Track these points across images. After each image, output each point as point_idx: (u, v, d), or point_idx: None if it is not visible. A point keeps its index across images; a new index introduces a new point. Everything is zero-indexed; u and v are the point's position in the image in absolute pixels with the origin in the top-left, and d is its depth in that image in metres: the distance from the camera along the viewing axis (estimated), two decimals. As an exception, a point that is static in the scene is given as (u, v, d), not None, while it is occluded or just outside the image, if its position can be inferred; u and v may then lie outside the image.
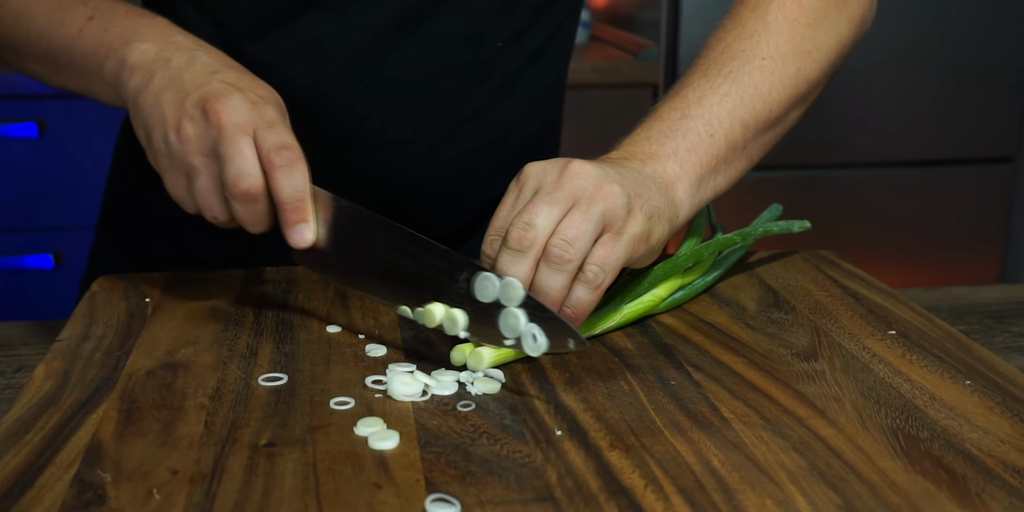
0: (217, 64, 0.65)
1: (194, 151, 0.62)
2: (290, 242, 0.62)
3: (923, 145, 2.23)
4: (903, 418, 0.54)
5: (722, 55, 0.73)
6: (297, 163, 0.61)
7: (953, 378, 0.59)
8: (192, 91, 0.63)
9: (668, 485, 0.47)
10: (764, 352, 0.63)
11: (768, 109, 0.72)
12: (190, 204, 0.65)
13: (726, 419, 0.54)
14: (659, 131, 0.69)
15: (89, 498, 0.46)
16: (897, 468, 0.49)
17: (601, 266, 0.59)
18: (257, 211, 0.62)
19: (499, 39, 0.79)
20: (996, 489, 0.47)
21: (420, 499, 0.46)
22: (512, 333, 0.57)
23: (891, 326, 0.67)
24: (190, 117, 0.62)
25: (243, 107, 0.62)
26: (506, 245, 0.58)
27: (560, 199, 0.59)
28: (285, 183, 0.61)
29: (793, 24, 0.74)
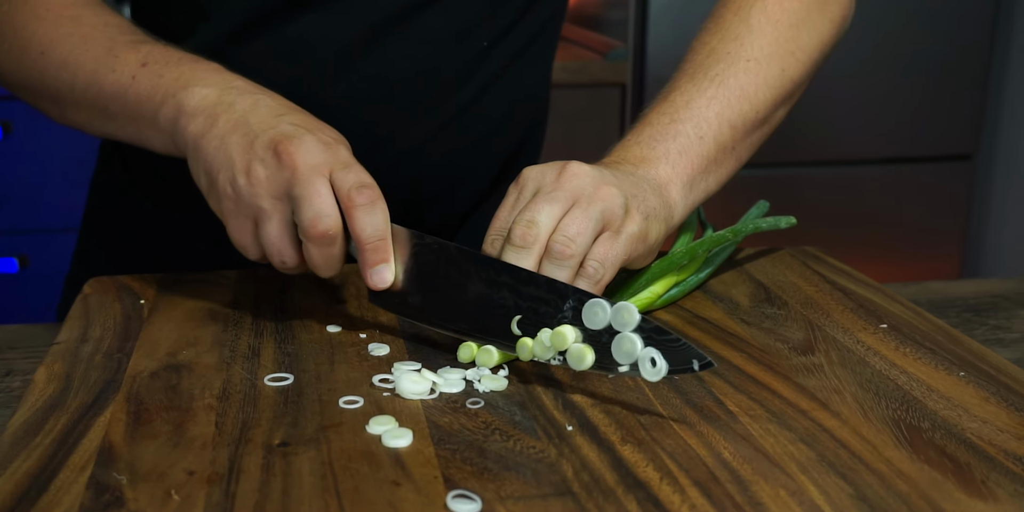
0: (282, 107, 0.64)
1: (264, 193, 0.60)
2: (369, 284, 0.61)
3: (886, 143, 2.27)
4: (903, 409, 0.55)
5: (707, 58, 0.74)
6: (378, 202, 0.60)
7: (947, 370, 0.60)
8: (261, 133, 0.61)
9: (683, 478, 0.48)
10: (761, 347, 0.64)
11: (755, 110, 0.73)
12: (253, 251, 0.63)
13: (732, 412, 0.54)
14: (649, 135, 0.70)
15: (107, 500, 0.45)
16: (903, 457, 0.50)
17: (601, 262, 0.60)
18: (332, 254, 0.61)
19: (484, 38, 0.80)
20: (1000, 476, 0.48)
21: (440, 495, 0.46)
22: (628, 359, 0.55)
23: (882, 320, 0.68)
24: (260, 159, 0.60)
25: (317, 148, 0.60)
26: (510, 242, 0.59)
27: (560, 198, 0.60)
28: (366, 222, 0.59)
29: (776, 26, 0.75)
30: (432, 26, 0.77)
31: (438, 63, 0.79)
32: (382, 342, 0.63)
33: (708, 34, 0.77)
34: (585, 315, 0.56)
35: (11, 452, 0.50)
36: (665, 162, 0.69)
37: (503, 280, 0.59)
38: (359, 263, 0.61)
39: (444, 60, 0.79)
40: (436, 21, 0.77)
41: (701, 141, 0.70)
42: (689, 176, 0.69)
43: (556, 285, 0.58)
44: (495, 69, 0.82)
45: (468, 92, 0.81)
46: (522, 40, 0.83)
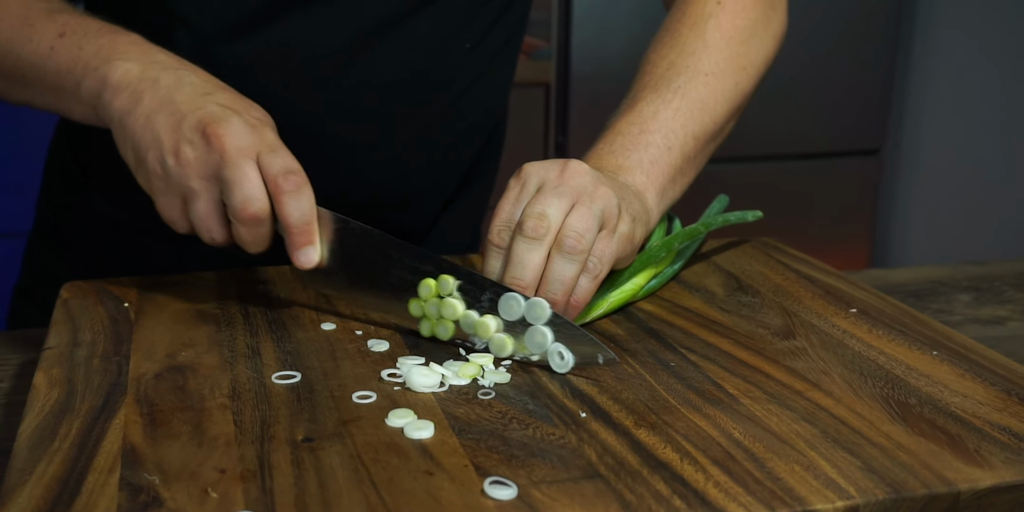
0: (207, 85, 0.65)
1: (194, 174, 0.62)
2: (296, 263, 0.63)
3: (797, 140, 2.35)
4: (889, 387, 0.58)
5: (668, 71, 0.77)
6: (304, 188, 0.62)
7: (921, 350, 0.64)
8: (188, 113, 0.62)
9: (701, 457, 0.50)
10: (745, 333, 0.66)
11: (714, 121, 0.77)
12: (182, 225, 0.65)
13: (732, 395, 0.57)
14: (622, 145, 0.72)
15: (144, 501, 0.45)
16: (899, 431, 0.53)
17: (599, 258, 0.63)
18: (261, 233, 0.63)
19: (467, 41, 0.81)
20: (990, 445, 0.51)
21: (474, 483, 0.47)
22: (539, 349, 0.59)
23: (851, 305, 0.71)
24: (189, 141, 0.61)
25: (244, 130, 0.62)
26: (522, 234, 0.61)
27: (566, 193, 0.62)
28: (293, 207, 0.61)
29: (729, 42, 0.79)
30: (421, 31, 0.78)
31: (426, 67, 0.80)
32: (379, 338, 0.64)
33: (666, 47, 0.79)
34: (501, 307, 0.60)
35: (31, 457, 0.49)
36: (640, 170, 0.71)
37: (425, 268, 0.62)
38: (287, 244, 0.63)
39: (431, 64, 0.80)
40: (425, 26, 0.78)
41: (670, 151, 0.73)
42: (661, 184, 0.72)
43: (475, 277, 0.61)
44: (476, 71, 0.83)
45: (451, 95, 0.83)
46: (499, 42, 0.84)
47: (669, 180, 0.73)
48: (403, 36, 0.78)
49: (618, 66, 2.11)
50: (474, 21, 0.81)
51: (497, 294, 0.61)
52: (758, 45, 0.82)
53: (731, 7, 0.80)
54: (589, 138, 2.50)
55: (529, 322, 0.60)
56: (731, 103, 0.79)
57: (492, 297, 0.61)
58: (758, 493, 0.46)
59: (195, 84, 0.64)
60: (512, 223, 0.63)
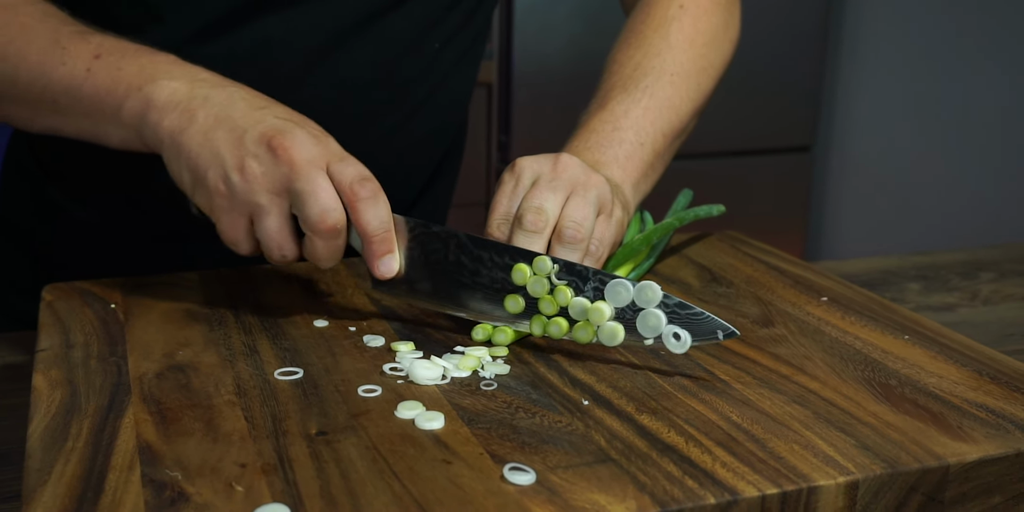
0: (260, 99, 0.64)
1: (262, 189, 0.60)
2: (376, 274, 0.62)
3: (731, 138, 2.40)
4: (870, 369, 0.61)
5: (635, 71, 0.79)
6: (379, 194, 0.61)
7: (893, 334, 0.67)
8: (250, 128, 0.61)
9: (705, 440, 0.52)
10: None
11: (680, 119, 0.80)
12: (246, 246, 0.63)
13: (724, 381, 0.59)
14: (597, 142, 0.75)
15: (171, 496, 0.46)
16: (886, 411, 0.56)
17: (600, 241, 0.65)
18: (338, 246, 0.61)
19: (437, 40, 0.82)
20: (971, 422, 0.54)
21: (492, 469, 0.48)
22: (653, 333, 0.59)
23: (821, 294, 0.74)
24: (254, 155, 0.60)
25: (310, 141, 0.60)
26: (521, 228, 0.63)
27: (560, 186, 0.64)
28: (371, 216, 0.60)
29: (692, 45, 0.82)
30: (394, 29, 0.79)
31: (397, 66, 0.81)
32: (373, 334, 0.65)
33: (631, 49, 0.82)
34: (609, 294, 0.60)
35: (47, 457, 0.49)
36: (616, 165, 0.74)
37: (517, 263, 0.62)
38: (364, 254, 0.63)
39: (403, 63, 0.81)
40: (398, 24, 0.79)
41: (642, 147, 0.76)
42: (635, 178, 0.75)
43: (575, 268, 0.61)
44: (444, 71, 0.85)
45: (420, 94, 0.84)
46: (466, 42, 0.86)
47: (642, 175, 0.76)
48: (376, 34, 0.79)
49: (559, 66, 2.14)
50: (444, 21, 0.82)
51: (603, 282, 0.60)
52: (718, 48, 0.85)
53: (693, 11, 0.84)
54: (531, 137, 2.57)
55: (640, 306, 0.59)
56: (695, 103, 0.82)
57: (597, 285, 0.60)
58: (764, 472, 0.49)
59: (248, 99, 0.63)
60: (510, 216, 0.65)
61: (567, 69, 2.12)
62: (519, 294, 0.62)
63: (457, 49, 0.85)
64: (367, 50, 0.79)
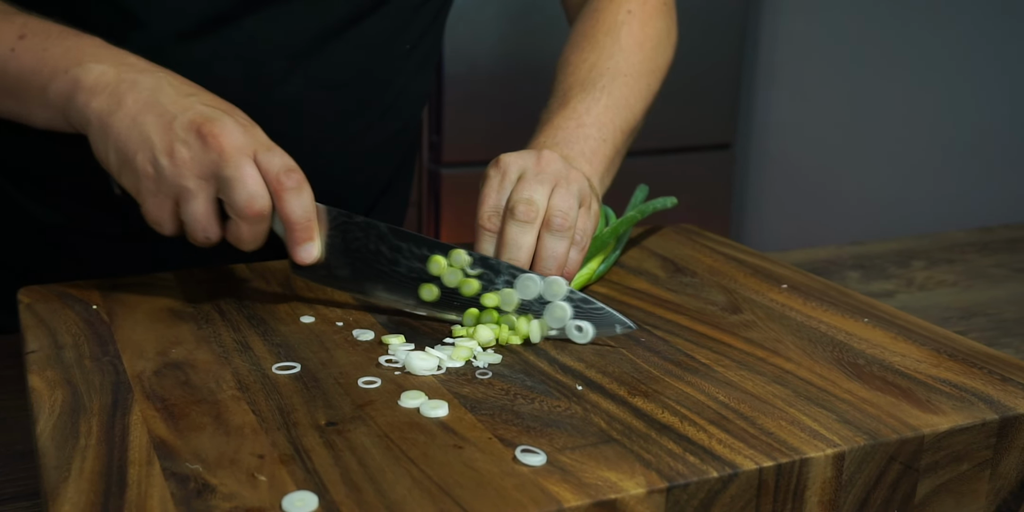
0: (188, 86, 0.66)
1: (190, 174, 0.62)
2: (296, 259, 0.65)
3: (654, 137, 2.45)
4: (838, 350, 0.65)
5: (591, 72, 0.83)
6: (304, 185, 0.63)
7: (853, 317, 0.71)
8: (179, 114, 0.62)
9: (698, 419, 0.55)
10: (696, 309, 0.72)
11: (634, 117, 0.84)
12: (169, 226, 0.65)
13: (705, 364, 0.62)
14: (564, 138, 0.78)
15: (195, 488, 0.47)
16: (859, 388, 0.59)
17: (583, 231, 0.68)
18: (262, 230, 0.64)
19: (407, 42, 0.84)
20: (938, 396, 0.58)
21: (504, 452, 0.50)
22: (559, 324, 0.64)
23: (780, 281, 0.78)
24: (183, 141, 0.62)
25: (239, 130, 0.62)
26: (514, 219, 0.66)
27: (546, 180, 0.67)
28: (295, 205, 0.63)
29: (641, 47, 0.86)
30: (371, 31, 0.81)
31: (372, 66, 0.83)
32: (362, 328, 0.66)
33: (585, 51, 0.85)
34: (518, 287, 0.65)
35: (62, 455, 0.49)
36: (583, 160, 0.77)
37: (432, 254, 0.66)
38: (286, 240, 0.65)
39: (377, 63, 0.83)
40: (375, 26, 0.81)
41: (604, 143, 0.79)
42: (600, 173, 0.78)
43: (489, 262, 0.65)
44: (411, 71, 0.87)
45: (390, 94, 0.85)
46: (429, 44, 0.88)
47: (605, 169, 0.79)
48: (354, 36, 0.80)
49: (489, 67, 2.16)
50: (412, 24, 0.84)
51: (513, 276, 0.65)
52: (663, 52, 0.89)
53: (640, 16, 0.88)
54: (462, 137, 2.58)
55: (548, 299, 0.64)
56: (646, 102, 0.86)
57: (508, 279, 0.65)
58: (758, 446, 0.52)
59: (176, 86, 0.65)
60: (499, 209, 0.67)
61: (496, 70, 2.14)
62: (434, 284, 0.66)
63: (422, 51, 0.87)
64: (343, 50, 0.80)
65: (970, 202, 2.12)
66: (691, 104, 2.44)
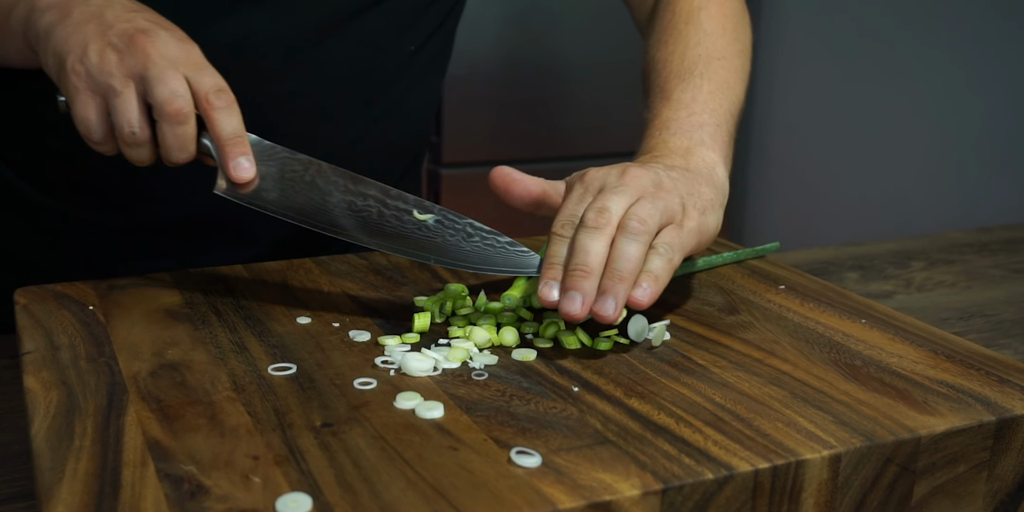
0: (136, 5, 0.67)
1: (116, 72, 0.63)
2: (231, 175, 0.65)
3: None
4: (835, 351, 0.65)
5: (683, 62, 0.81)
6: (234, 105, 0.64)
7: (850, 318, 0.71)
8: (116, 24, 0.64)
9: (694, 420, 0.55)
10: (694, 310, 0.72)
11: (739, 99, 0.81)
12: (98, 128, 0.65)
13: (702, 365, 0.62)
14: (679, 128, 0.75)
15: (189, 489, 0.47)
16: (855, 389, 0.59)
17: (669, 245, 0.64)
18: (186, 134, 0.64)
19: (411, 43, 0.84)
20: (935, 397, 0.58)
21: (499, 454, 0.50)
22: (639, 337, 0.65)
23: (778, 282, 0.78)
24: (114, 46, 0.63)
25: (173, 44, 0.64)
26: (584, 224, 0.63)
27: (627, 192, 0.64)
28: (226, 123, 0.63)
29: (724, 30, 0.84)
30: (371, 29, 0.80)
31: (373, 65, 0.82)
32: (358, 329, 0.66)
33: (670, 43, 0.83)
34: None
35: (56, 456, 0.49)
36: (706, 147, 0.74)
37: (372, 193, 0.66)
38: (220, 159, 0.65)
39: (378, 62, 0.83)
40: (375, 24, 0.80)
41: (719, 128, 0.76)
42: (724, 158, 0.75)
43: (424, 203, 0.65)
44: (416, 74, 0.86)
45: (393, 95, 0.85)
46: (436, 49, 0.88)
47: (727, 155, 0.76)
48: (354, 32, 0.80)
49: (489, 67, 2.16)
50: (418, 24, 0.84)
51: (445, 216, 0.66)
52: (744, 31, 0.87)
53: (716, 2, 0.86)
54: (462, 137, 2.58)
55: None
56: (744, 83, 0.83)
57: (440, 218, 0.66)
58: (754, 448, 0.52)
59: (123, 3, 0.66)
60: (575, 217, 0.64)
61: (496, 70, 2.14)
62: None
63: (428, 54, 0.87)
64: (342, 47, 0.80)
65: (970, 202, 2.12)
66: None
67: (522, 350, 0.63)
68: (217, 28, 0.77)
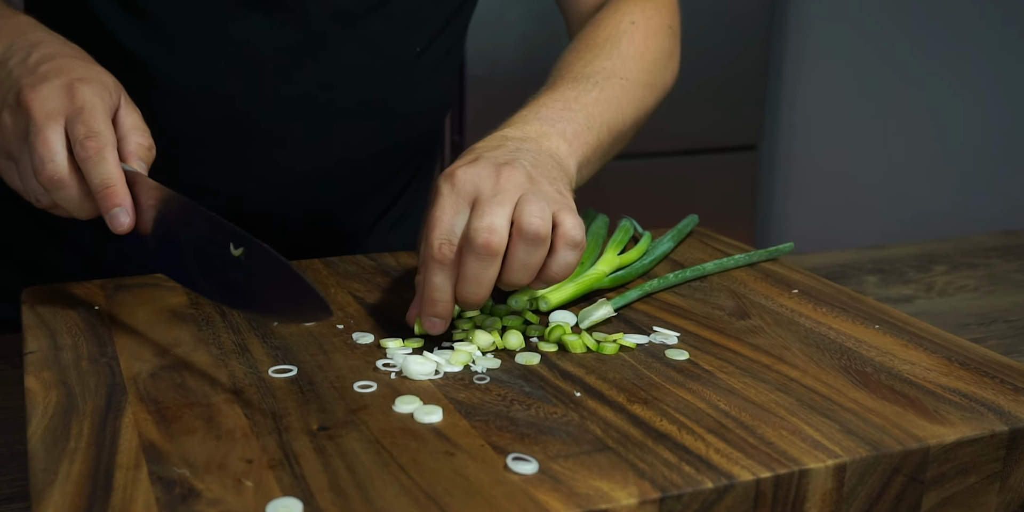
0: (53, 53, 0.66)
1: (13, 139, 0.63)
2: (111, 228, 0.63)
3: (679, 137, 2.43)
4: (845, 358, 0.63)
5: (586, 68, 0.79)
6: (104, 151, 0.62)
7: (863, 324, 0.69)
8: (15, 83, 0.64)
9: (697, 427, 0.54)
10: (703, 314, 0.71)
11: (624, 120, 0.79)
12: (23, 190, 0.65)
13: (708, 371, 0.61)
14: (546, 115, 0.73)
15: (181, 493, 0.46)
16: (864, 397, 0.58)
17: (579, 227, 0.62)
18: (71, 196, 0.63)
19: (416, 45, 0.83)
20: (947, 406, 0.57)
21: (495, 460, 0.50)
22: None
23: (791, 286, 0.77)
24: (10, 107, 0.63)
25: (55, 94, 0.63)
26: (474, 252, 0.59)
27: (507, 199, 0.61)
28: (94, 173, 0.62)
29: (641, 58, 0.83)
30: (376, 31, 0.80)
31: (378, 67, 0.82)
32: (361, 331, 0.66)
33: (582, 51, 0.82)
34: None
35: (51, 457, 0.49)
36: (563, 139, 0.72)
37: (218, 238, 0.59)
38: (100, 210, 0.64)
39: (383, 64, 0.82)
40: (380, 26, 0.80)
41: (588, 131, 0.74)
42: (578, 159, 0.73)
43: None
44: (421, 76, 0.86)
45: (401, 96, 0.85)
46: (442, 50, 0.87)
47: (584, 158, 0.74)
48: (358, 34, 0.80)
49: (511, 67, 2.15)
50: (423, 26, 0.83)
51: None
52: (662, 70, 0.86)
53: (643, 29, 0.85)
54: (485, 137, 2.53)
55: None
56: (637, 111, 0.82)
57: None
58: (756, 457, 0.50)
59: (42, 55, 0.65)
60: (453, 235, 0.61)
61: (518, 71, 2.13)
62: None
63: (434, 56, 0.86)
64: (346, 49, 0.80)
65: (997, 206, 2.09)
66: (716, 105, 2.42)
67: (526, 354, 0.62)
68: (223, 30, 0.76)
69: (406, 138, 0.89)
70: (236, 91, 0.75)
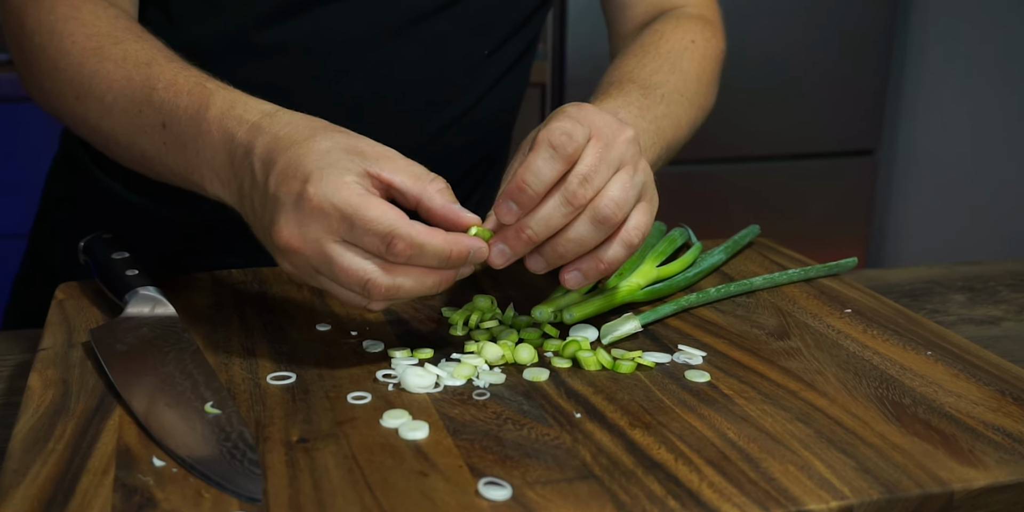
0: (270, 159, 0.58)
1: (309, 272, 0.57)
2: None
3: (792, 140, 2.35)
4: (884, 387, 0.58)
5: (652, 77, 0.76)
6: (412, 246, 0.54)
7: (915, 350, 0.64)
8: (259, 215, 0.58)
9: (696, 458, 0.50)
10: (740, 333, 0.66)
11: (678, 139, 0.76)
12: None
13: (727, 395, 0.57)
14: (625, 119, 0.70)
15: (139, 501, 0.45)
16: (893, 431, 0.53)
17: (638, 229, 0.59)
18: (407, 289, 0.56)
19: (485, 47, 0.82)
20: (984, 445, 0.51)
21: (469, 483, 0.47)
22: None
23: (845, 305, 0.72)
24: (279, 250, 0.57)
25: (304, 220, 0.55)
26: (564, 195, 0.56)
27: (613, 161, 0.58)
28: (430, 256, 0.55)
29: (698, 79, 0.80)
30: (442, 31, 0.79)
31: (444, 68, 0.81)
32: (374, 339, 0.64)
33: (644, 58, 0.78)
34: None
35: (26, 458, 0.49)
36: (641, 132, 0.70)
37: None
38: None
39: (449, 65, 0.81)
40: (446, 26, 0.79)
41: (654, 146, 0.72)
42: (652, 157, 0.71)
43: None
44: (490, 80, 0.84)
45: (467, 99, 0.83)
46: (514, 55, 0.85)
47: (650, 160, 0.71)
48: (424, 34, 0.79)
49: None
50: (493, 28, 0.82)
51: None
52: (712, 95, 0.83)
53: (702, 50, 0.82)
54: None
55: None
56: (689, 132, 0.79)
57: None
58: (752, 494, 0.46)
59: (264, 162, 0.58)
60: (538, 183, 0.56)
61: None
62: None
63: (504, 59, 0.84)
64: (412, 48, 0.79)
65: None
66: (833, 107, 2.32)
67: (534, 370, 0.60)
68: (285, 27, 0.76)
69: (469, 143, 0.87)
70: (297, 87, 0.75)
